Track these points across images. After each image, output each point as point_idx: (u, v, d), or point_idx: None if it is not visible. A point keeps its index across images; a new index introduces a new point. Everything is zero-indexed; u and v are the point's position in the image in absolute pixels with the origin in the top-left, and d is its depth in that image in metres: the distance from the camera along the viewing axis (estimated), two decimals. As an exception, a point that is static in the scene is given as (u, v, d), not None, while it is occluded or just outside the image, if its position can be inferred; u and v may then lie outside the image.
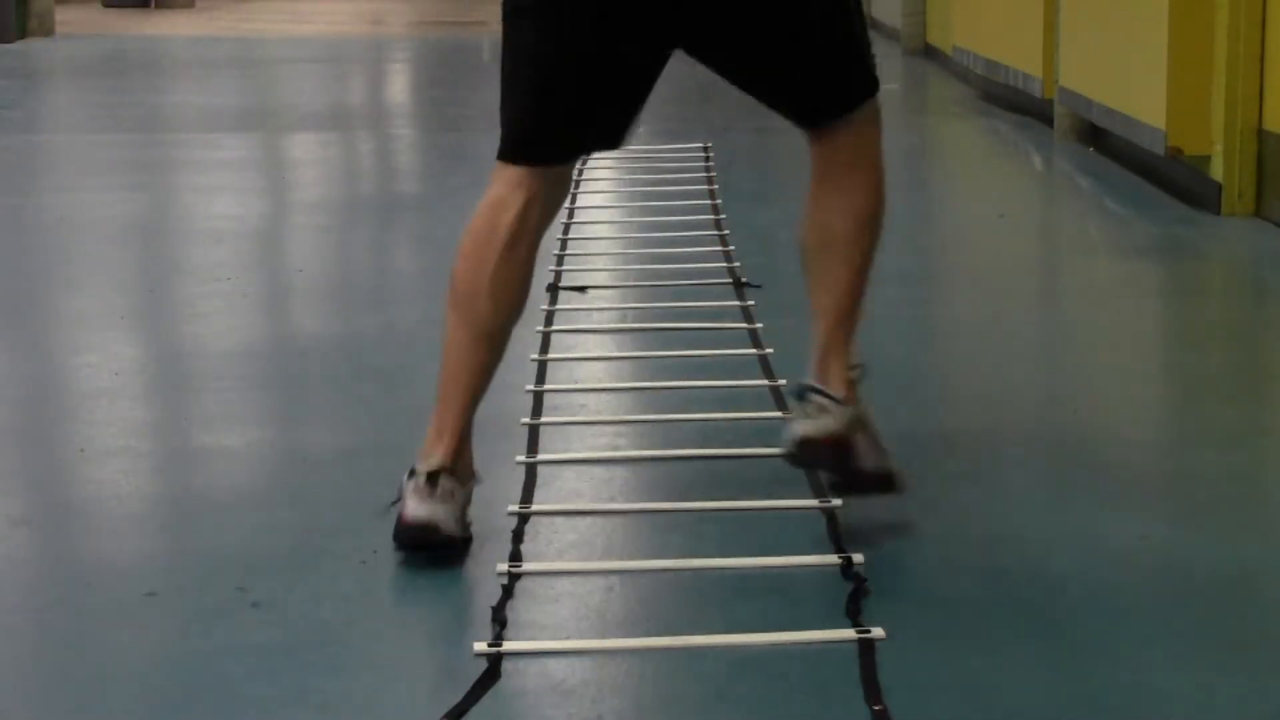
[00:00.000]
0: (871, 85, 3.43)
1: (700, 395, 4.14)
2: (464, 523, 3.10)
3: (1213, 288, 5.66)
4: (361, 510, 3.37)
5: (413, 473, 3.11)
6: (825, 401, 3.19)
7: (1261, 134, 6.31)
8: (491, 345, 3.16)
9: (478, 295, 3.16)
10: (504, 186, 3.15)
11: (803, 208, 3.35)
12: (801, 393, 3.23)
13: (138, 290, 5.61)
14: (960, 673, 2.63)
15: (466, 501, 3.13)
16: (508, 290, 3.15)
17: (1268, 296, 5.47)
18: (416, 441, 3.78)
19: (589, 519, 3.34)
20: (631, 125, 3.17)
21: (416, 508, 3.07)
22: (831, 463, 3.23)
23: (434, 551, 3.05)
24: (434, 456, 3.13)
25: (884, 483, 3.24)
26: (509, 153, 3.14)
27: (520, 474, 3.53)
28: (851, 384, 3.25)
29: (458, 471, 3.12)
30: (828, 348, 3.24)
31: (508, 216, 3.14)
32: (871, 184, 3.41)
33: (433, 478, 3.09)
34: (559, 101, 3.09)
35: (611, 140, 3.16)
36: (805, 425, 3.17)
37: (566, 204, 6.41)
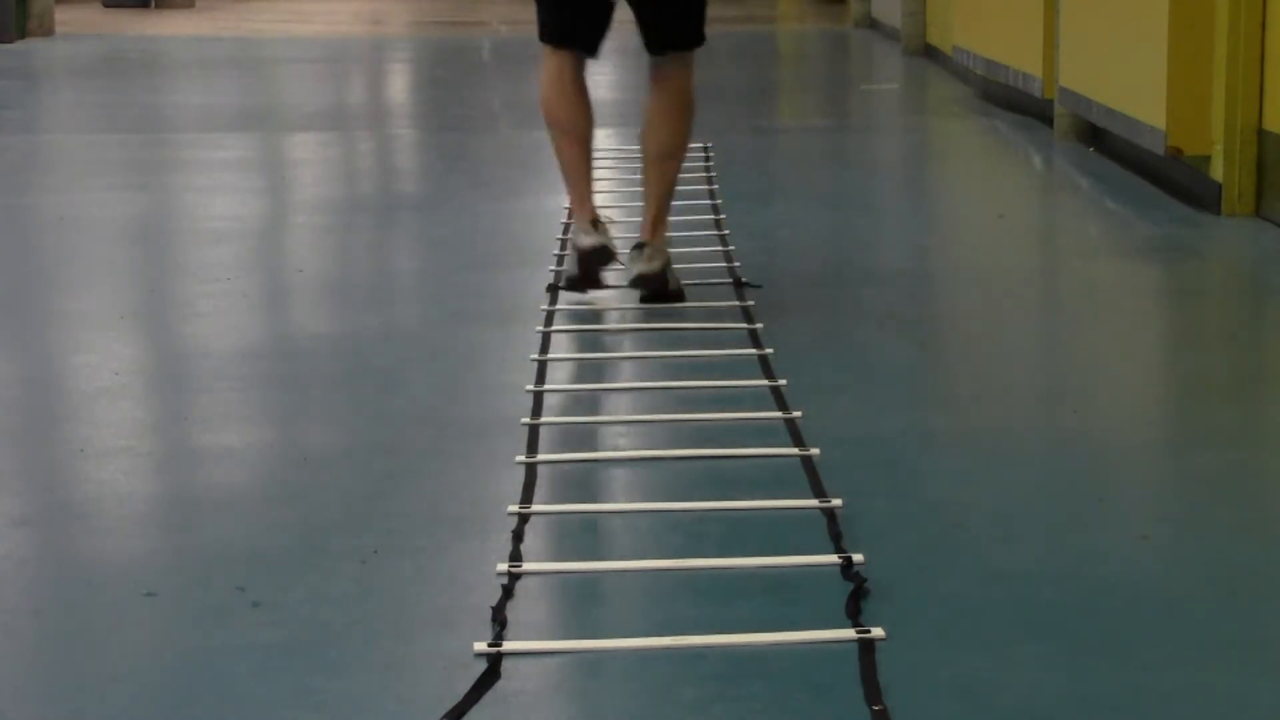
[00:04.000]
0: (697, 39, 5.04)
1: (700, 395, 4.14)
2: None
3: (1213, 288, 5.66)
4: (361, 510, 3.37)
5: (573, 233, 5.02)
6: (651, 251, 4.98)
7: (1261, 134, 6.31)
8: (582, 141, 5.03)
9: (558, 112, 5.02)
10: (547, 55, 5.05)
11: (643, 117, 5.14)
12: (639, 245, 4.98)
13: (138, 290, 5.61)
14: (960, 673, 2.63)
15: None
16: (572, 107, 5.01)
17: (1268, 296, 5.47)
18: (416, 441, 3.79)
19: (589, 519, 3.34)
20: (600, 40, 5.03)
21: (588, 239, 4.95)
22: (655, 287, 4.98)
23: (607, 268, 5.02)
24: (584, 215, 4.98)
25: (679, 295, 5.03)
26: (542, 38, 5.06)
27: (520, 474, 3.53)
28: (664, 239, 5.07)
29: (599, 221, 5.00)
30: (655, 219, 5.05)
31: (553, 68, 5.02)
32: (685, 119, 5.08)
33: (594, 222, 4.96)
34: (556, 18, 5.03)
35: (590, 47, 5.04)
36: (640, 266, 4.97)
37: (566, 205, 6.45)
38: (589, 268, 4.98)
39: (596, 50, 5.04)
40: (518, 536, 3.18)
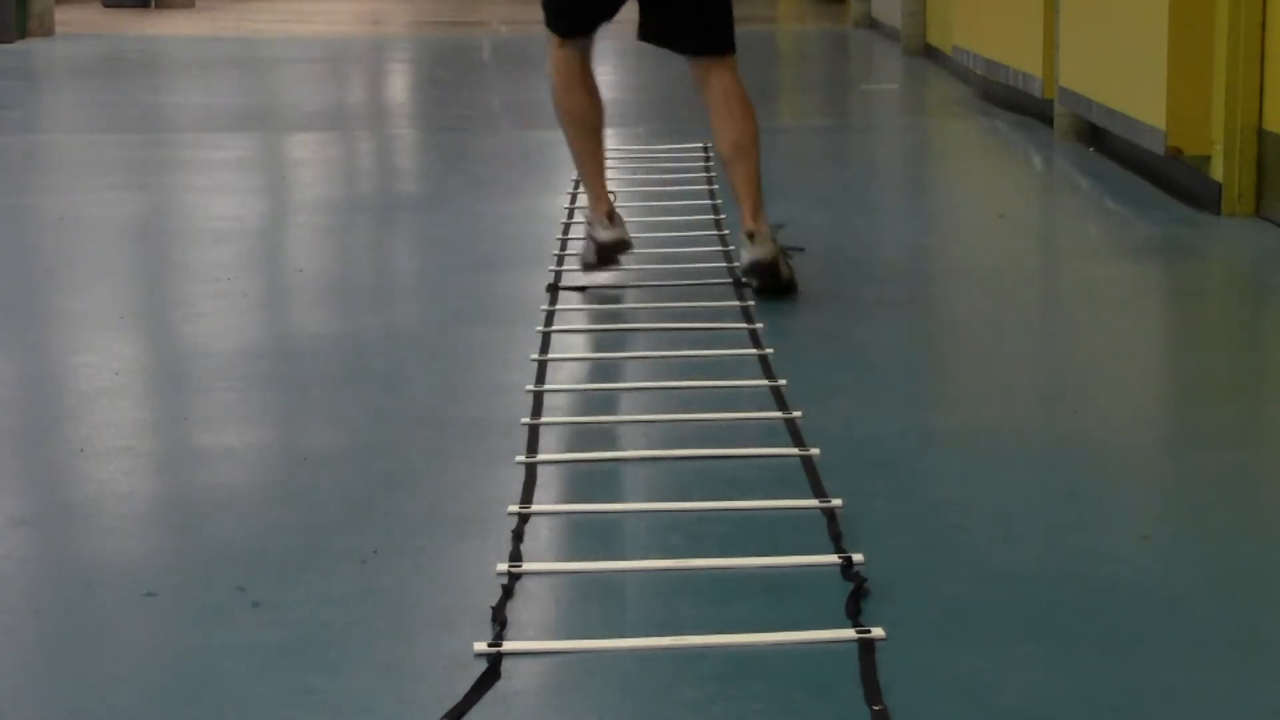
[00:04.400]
0: (728, 46, 5.12)
1: (700, 395, 4.14)
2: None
3: (1213, 288, 5.66)
4: (361, 510, 3.37)
5: (590, 225, 5.26)
6: (759, 238, 5.02)
7: (1261, 134, 6.31)
8: (593, 133, 5.22)
9: (567, 104, 5.20)
10: (553, 46, 5.20)
11: (710, 122, 5.23)
12: (749, 234, 5.02)
13: (138, 290, 5.61)
14: (960, 673, 2.63)
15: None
16: (581, 99, 5.18)
17: (1268, 296, 5.47)
18: (416, 441, 3.79)
19: (589, 519, 3.34)
20: (606, 19, 5.17)
21: (606, 233, 5.20)
22: (770, 274, 5.00)
23: (627, 250, 5.27)
24: (601, 207, 5.22)
25: (792, 287, 5.06)
26: (549, 26, 5.19)
27: (520, 474, 3.53)
28: (772, 229, 5.09)
29: (615, 213, 5.24)
30: (754, 211, 5.06)
31: (560, 61, 5.18)
32: (747, 114, 5.16)
33: (610, 215, 5.20)
34: (561, 9, 5.18)
35: (590, 26, 5.19)
36: (755, 252, 5.00)
37: (566, 205, 6.46)
38: (609, 259, 5.27)
39: (593, 30, 5.23)
40: (518, 536, 3.18)
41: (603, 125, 5.27)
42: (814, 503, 3.34)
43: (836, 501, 3.33)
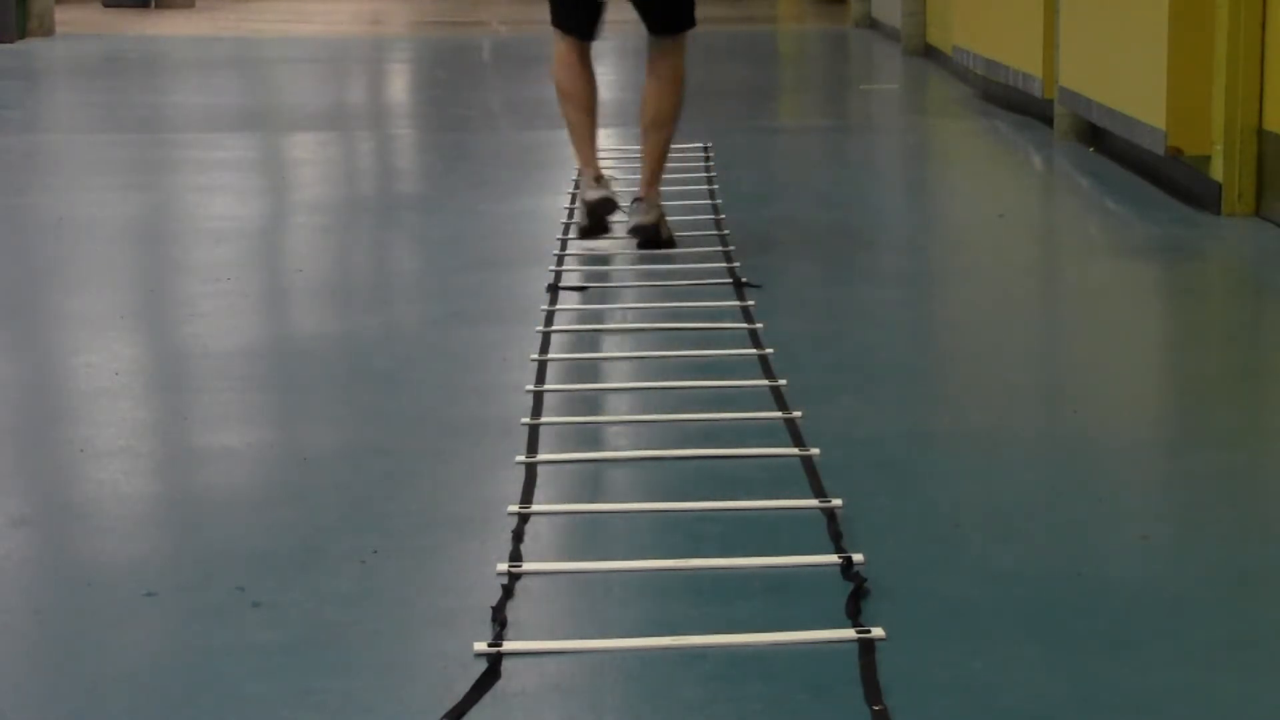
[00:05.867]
0: (689, 23, 5.92)
1: (700, 395, 4.14)
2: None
3: (1213, 288, 5.66)
4: (361, 510, 3.37)
5: (578, 186, 5.91)
6: (647, 205, 5.79)
7: (1261, 134, 6.31)
8: (587, 108, 5.89)
9: (566, 85, 5.89)
10: (558, 40, 5.93)
11: (642, 94, 6.02)
12: (637, 199, 5.80)
13: (138, 290, 5.61)
14: (960, 673, 2.63)
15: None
16: (577, 80, 5.89)
17: (1268, 296, 5.47)
18: (416, 441, 3.79)
19: (589, 519, 3.34)
20: (594, 30, 5.92)
21: (595, 192, 5.79)
22: (649, 235, 5.77)
23: (612, 216, 5.82)
24: (590, 171, 5.83)
25: (671, 243, 5.82)
26: (553, 23, 5.94)
27: (520, 474, 3.53)
28: (658, 195, 5.86)
29: (602, 176, 5.83)
30: (650, 178, 5.84)
31: (562, 50, 5.91)
32: (675, 92, 5.91)
33: (598, 178, 5.80)
34: (561, 10, 5.94)
35: (586, 35, 5.92)
36: (638, 218, 5.79)
37: (566, 205, 6.46)
38: (597, 217, 5.82)
39: (592, 36, 5.97)
40: (518, 536, 3.18)
41: (595, 103, 5.94)
42: (814, 503, 3.34)
43: (836, 501, 3.33)
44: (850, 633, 2.74)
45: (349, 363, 4.57)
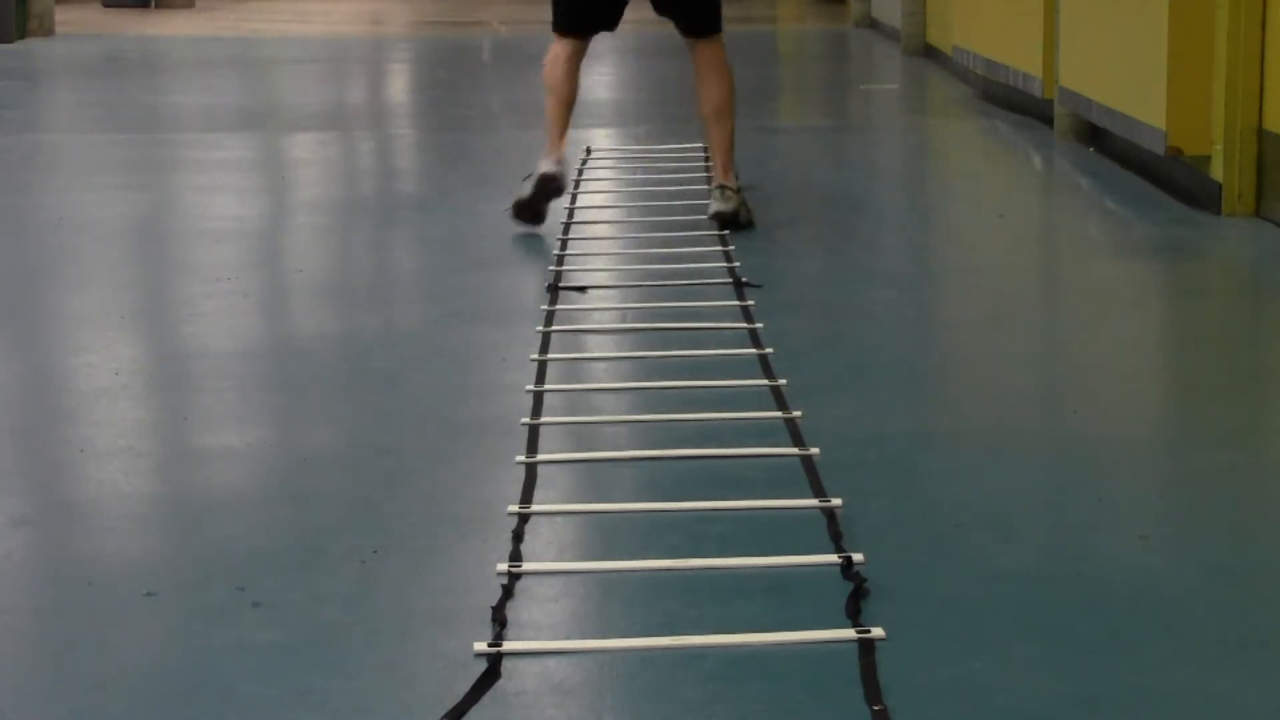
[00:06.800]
0: (714, 28, 6.32)
1: (700, 395, 4.14)
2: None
3: (1213, 288, 5.66)
4: (361, 510, 3.37)
5: (539, 163, 6.21)
6: (729, 192, 6.18)
7: (1261, 134, 6.31)
8: (566, 103, 6.29)
9: (554, 79, 6.30)
10: (556, 42, 6.33)
11: (693, 92, 6.44)
12: (720, 187, 6.21)
13: (138, 290, 5.61)
14: (960, 673, 2.63)
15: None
16: (566, 78, 6.29)
17: (1268, 296, 5.47)
18: (416, 441, 3.80)
19: (589, 519, 3.34)
20: (618, 17, 6.31)
21: (550, 167, 6.17)
22: (728, 219, 6.11)
23: (559, 194, 6.25)
24: (555, 152, 6.24)
25: (750, 224, 6.18)
26: (555, 27, 6.36)
27: (520, 474, 3.53)
28: (738, 181, 6.29)
29: (563, 160, 6.28)
30: (724, 166, 6.28)
31: (558, 50, 6.29)
32: (723, 83, 6.32)
33: (559, 161, 6.20)
34: (570, 10, 6.32)
35: (607, 23, 6.32)
36: (718, 205, 6.16)
37: (566, 204, 6.46)
38: (543, 193, 6.17)
39: (612, 27, 6.41)
40: (518, 536, 3.18)
41: (574, 100, 6.41)
42: (814, 502, 3.35)
43: (836, 501, 3.33)
44: (850, 633, 2.74)
45: (349, 363, 4.57)
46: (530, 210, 6.15)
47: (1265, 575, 3.05)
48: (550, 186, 6.18)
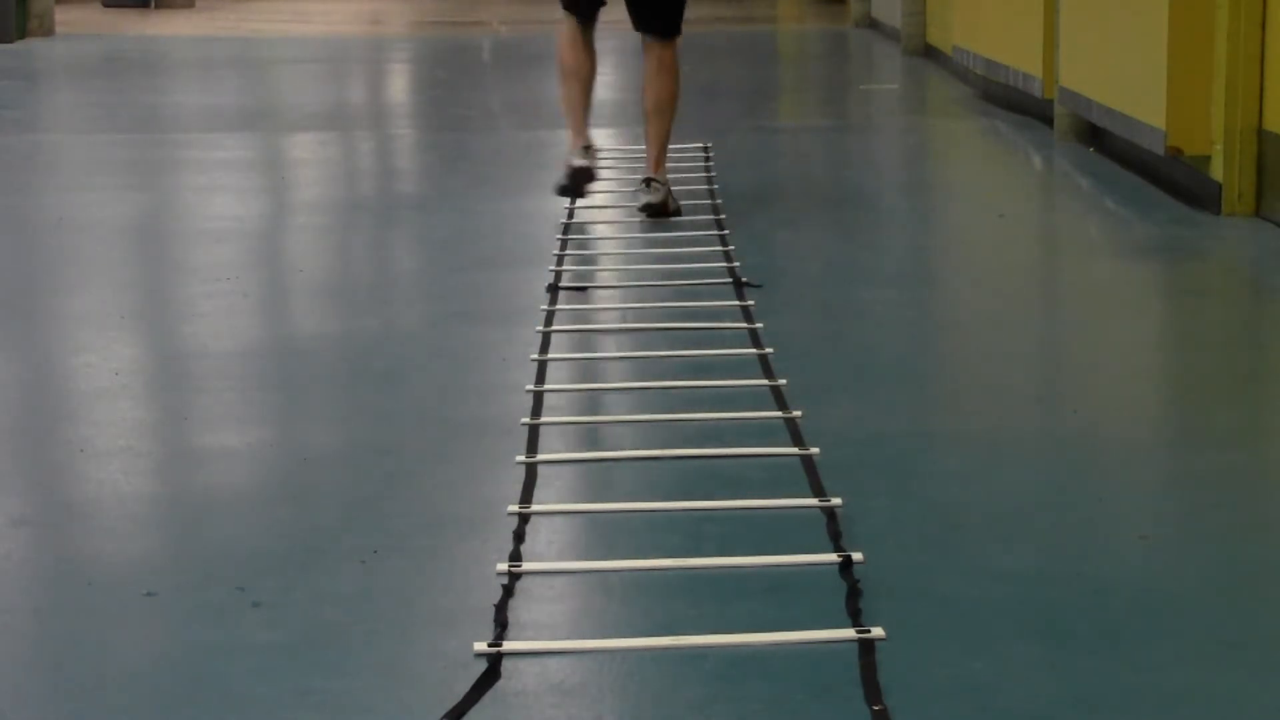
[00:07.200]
0: (673, 31, 6.53)
1: (700, 395, 4.14)
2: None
3: (1213, 288, 5.66)
4: (361, 510, 3.37)
5: (568, 155, 6.43)
6: (657, 185, 6.37)
7: (1261, 134, 6.31)
8: (584, 84, 6.52)
9: (568, 59, 6.49)
10: (564, 20, 6.54)
11: (642, 85, 6.68)
12: (646, 180, 6.41)
13: (138, 290, 5.61)
14: (960, 673, 2.63)
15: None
16: (578, 56, 6.49)
17: (1268, 296, 5.47)
18: (416, 441, 3.80)
19: (589, 519, 3.34)
20: (595, 11, 6.53)
21: (579, 160, 6.40)
22: (656, 211, 6.33)
23: (590, 185, 6.46)
24: (579, 141, 6.43)
25: (678, 212, 6.40)
26: (563, 4, 6.54)
27: (520, 474, 3.53)
28: (664, 173, 6.47)
29: (590, 147, 6.47)
30: (657, 159, 6.45)
31: (567, 29, 6.52)
32: (671, 82, 6.53)
33: (586, 148, 6.42)
34: None
35: (585, 14, 6.54)
36: (646, 196, 6.37)
37: (566, 204, 6.46)
38: (578, 184, 6.43)
39: (591, 20, 6.59)
40: (518, 536, 3.18)
41: (593, 80, 6.59)
42: (814, 502, 3.35)
43: (836, 501, 3.33)
44: (850, 633, 2.74)
45: (349, 363, 4.57)
46: (572, 194, 6.49)
47: (1265, 575, 3.05)
48: (582, 177, 6.45)
